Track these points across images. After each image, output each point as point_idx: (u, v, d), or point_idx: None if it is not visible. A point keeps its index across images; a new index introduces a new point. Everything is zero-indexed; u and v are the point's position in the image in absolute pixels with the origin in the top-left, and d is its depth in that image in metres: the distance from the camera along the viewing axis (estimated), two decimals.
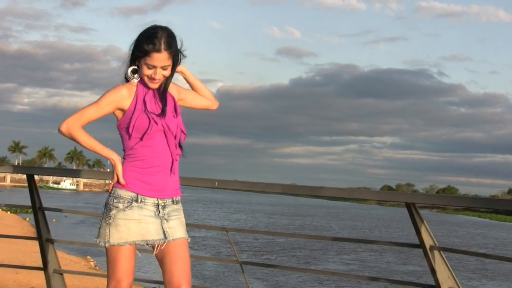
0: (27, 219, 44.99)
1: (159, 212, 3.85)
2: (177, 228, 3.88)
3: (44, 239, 5.96)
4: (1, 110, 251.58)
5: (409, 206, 4.69)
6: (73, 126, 3.87)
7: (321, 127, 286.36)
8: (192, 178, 5.24)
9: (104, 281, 17.99)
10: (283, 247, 37.89)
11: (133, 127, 3.80)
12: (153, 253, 3.89)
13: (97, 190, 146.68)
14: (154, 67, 3.76)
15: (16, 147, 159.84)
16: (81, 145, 3.93)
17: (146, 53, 3.74)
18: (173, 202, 3.92)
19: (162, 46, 3.72)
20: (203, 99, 4.18)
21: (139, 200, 3.82)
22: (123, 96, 3.85)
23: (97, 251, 29.11)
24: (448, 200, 4.66)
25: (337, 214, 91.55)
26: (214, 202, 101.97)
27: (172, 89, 3.98)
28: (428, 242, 4.77)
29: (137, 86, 3.88)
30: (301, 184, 5.10)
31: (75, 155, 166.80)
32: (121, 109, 3.87)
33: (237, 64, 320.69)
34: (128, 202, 3.81)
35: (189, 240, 3.96)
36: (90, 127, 3.98)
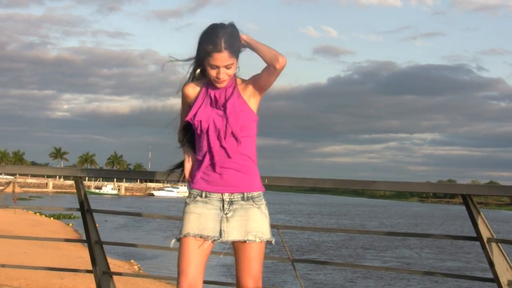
0: (71, 224, 45.37)
1: (224, 208, 3.85)
2: (235, 229, 3.84)
3: (93, 241, 5.94)
4: (41, 117, 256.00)
5: (465, 198, 4.58)
6: (178, 135, 4.08)
7: (360, 125, 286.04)
8: None
9: (149, 283, 18.06)
10: (329, 246, 37.72)
11: (191, 123, 3.89)
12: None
13: (138, 194, 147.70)
14: (217, 67, 3.77)
15: (58, 153, 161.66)
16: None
17: (208, 54, 3.75)
18: (243, 198, 3.87)
19: (222, 46, 3.72)
20: (263, 71, 3.86)
21: (203, 195, 3.87)
22: (188, 95, 3.95)
23: (140, 255, 29.24)
24: (505, 190, 4.54)
25: (380, 213, 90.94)
26: None
27: (238, 85, 3.94)
28: (485, 234, 4.65)
29: (202, 84, 3.92)
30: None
31: (116, 159, 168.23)
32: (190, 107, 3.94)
33: None
34: (193, 197, 3.90)
35: (251, 242, 3.84)
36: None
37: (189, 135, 4.03)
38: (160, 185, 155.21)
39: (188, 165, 3.97)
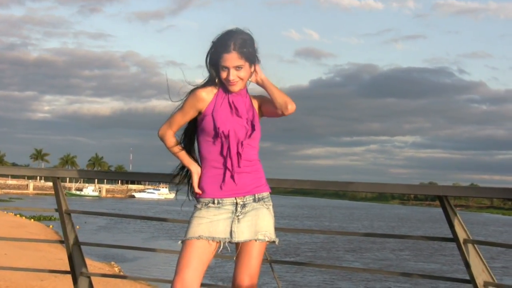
0: (51, 226, 45.13)
1: (236, 211, 3.93)
2: (245, 230, 3.92)
3: (71, 243, 5.92)
4: (22, 118, 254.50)
5: (442, 199, 4.61)
6: (163, 132, 4.08)
7: (342, 128, 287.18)
8: None
9: (129, 285, 18.01)
10: (308, 248, 37.77)
11: (202, 129, 3.94)
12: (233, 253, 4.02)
13: (119, 196, 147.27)
14: (227, 68, 3.86)
15: (39, 155, 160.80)
16: (168, 149, 4.10)
17: (218, 56, 3.86)
18: (254, 199, 3.96)
19: (231, 47, 3.83)
20: (270, 106, 4.05)
21: (216, 202, 3.92)
22: (201, 99, 3.95)
23: (121, 257, 29.15)
24: (482, 192, 4.57)
25: (361, 216, 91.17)
26: None
27: (254, 96, 4.09)
28: (461, 235, 4.68)
29: (218, 90, 3.98)
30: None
31: (97, 161, 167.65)
32: (200, 112, 3.98)
33: None
34: (205, 204, 3.94)
35: (261, 241, 3.97)
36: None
37: (188, 139, 4.10)
38: (141, 187, 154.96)
39: (196, 178, 4.00)
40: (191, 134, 4.09)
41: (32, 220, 49.75)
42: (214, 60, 3.90)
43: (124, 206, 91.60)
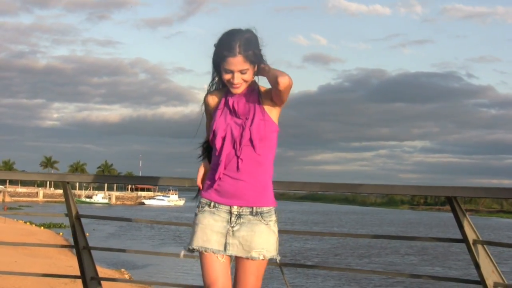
0: (61, 233, 45.27)
1: (231, 221, 3.77)
2: (240, 244, 3.74)
3: (81, 247, 5.93)
4: (32, 126, 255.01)
5: (451, 200, 4.60)
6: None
7: (351, 133, 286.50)
8: None
9: None
10: (318, 253, 37.75)
11: (212, 133, 3.83)
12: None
13: (129, 203, 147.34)
14: (232, 71, 3.73)
15: (48, 162, 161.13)
16: None
17: (222, 58, 3.73)
18: (251, 213, 3.77)
19: (237, 50, 3.69)
20: (271, 88, 3.80)
21: (212, 205, 3.81)
22: (209, 104, 3.95)
23: (131, 264, 29.22)
24: (492, 192, 4.54)
25: (370, 221, 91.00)
26: None
27: (261, 93, 3.88)
28: (471, 236, 4.66)
29: (223, 93, 3.91)
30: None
31: (106, 168, 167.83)
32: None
33: None
34: (201, 206, 3.85)
35: (255, 259, 3.74)
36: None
37: (207, 145, 4.02)
38: (151, 194, 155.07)
39: (200, 172, 3.97)
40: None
41: (42, 227, 49.94)
42: (218, 62, 3.79)
43: (134, 213, 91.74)
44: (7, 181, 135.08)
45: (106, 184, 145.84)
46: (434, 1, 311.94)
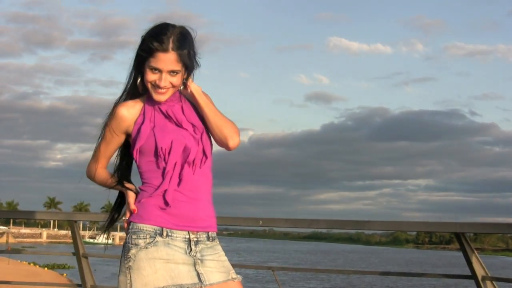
0: (65, 274, 45.07)
1: (191, 249, 3.05)
2: (215, 270, 3.07)
3: (88, 286, 5.93)
4: (35, 167, 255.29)
5: (459, 236, 4.60)
6: (90, 173, 3.33)
7: (354, 172, 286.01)
8: (235, 217, 5.19)
9: None
10: None
11: (139, 151, 3.11)
12: None
13: None
14: (160, 71, 3.00)
15: (52, 203, 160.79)
16: (104, 187, 3.34)
17: (150, 53, 2.99)
18: (208, 238, 3.11)
19: (170, 45, 2.97)
20: (215, 134, 3.15)
21: (165, 234, 3.03)
22: (123, 118, 3.14)
23: None
24: (500, 228, 4.56)
25: (375, 260, 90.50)
26: (249, 252, 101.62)
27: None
28: (480, 272, 4.66)
29: (144, 100, 3.17)
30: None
31: (110, 208, 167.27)
32: (129, 133, 3.17)
33: (267, 112, 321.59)
34: (150, 237, 3.03)
35: (237, 280, 3.12)
36: None
37: (123, 169, 3.27)
38: None
39: (131, 195, 3.17)
40: (127, 160, 3.26)
41: (46, 268, 49.74)
42: (143, 59, 3.04)
43: None
44: (11, 222, 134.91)
45: None
46: (435, 40, 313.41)
